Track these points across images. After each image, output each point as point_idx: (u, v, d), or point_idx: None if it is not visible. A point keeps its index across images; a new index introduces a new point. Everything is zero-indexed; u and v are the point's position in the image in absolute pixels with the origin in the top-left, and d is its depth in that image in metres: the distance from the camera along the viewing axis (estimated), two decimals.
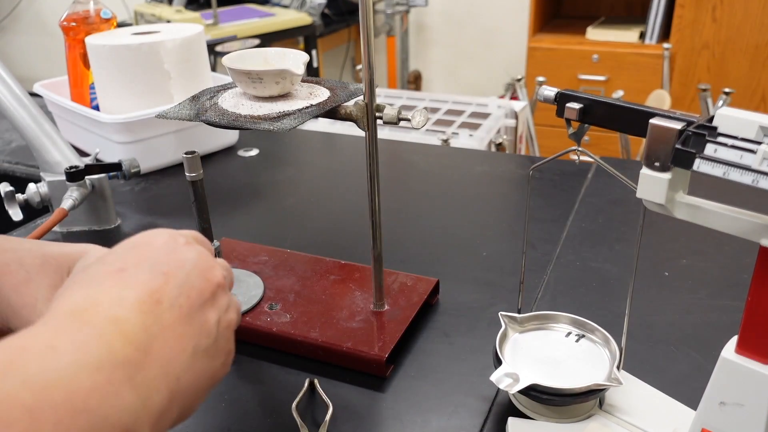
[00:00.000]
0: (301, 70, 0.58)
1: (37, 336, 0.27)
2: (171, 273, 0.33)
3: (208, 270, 0.36)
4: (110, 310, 0.30)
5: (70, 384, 0.25)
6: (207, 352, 0.34)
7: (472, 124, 1.58)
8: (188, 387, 0.32)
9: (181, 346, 0.32)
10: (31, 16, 3.62)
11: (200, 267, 0.35)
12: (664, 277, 0.70)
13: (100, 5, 1.07)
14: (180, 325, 0.32)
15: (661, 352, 0.59)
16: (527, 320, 0.55)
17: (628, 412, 0.50)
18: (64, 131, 1.09)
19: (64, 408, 0.25)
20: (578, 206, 0.86)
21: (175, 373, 0.31)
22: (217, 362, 0.35)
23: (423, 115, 0.55)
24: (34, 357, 0.26)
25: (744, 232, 0.36)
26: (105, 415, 0.26)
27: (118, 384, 0.27)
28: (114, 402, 0.27)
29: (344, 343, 0.58)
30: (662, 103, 1.76)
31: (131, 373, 0.28)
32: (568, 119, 0.45)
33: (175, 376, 0.31)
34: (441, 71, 3.14)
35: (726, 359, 0.39)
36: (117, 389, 0.27)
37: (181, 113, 0.59)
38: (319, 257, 0.71)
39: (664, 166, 0.37)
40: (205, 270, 0.35)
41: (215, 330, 0.35)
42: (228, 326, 0.37)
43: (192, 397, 0.33)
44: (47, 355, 0.26)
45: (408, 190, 0.96)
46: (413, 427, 0.52)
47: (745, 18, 2.15)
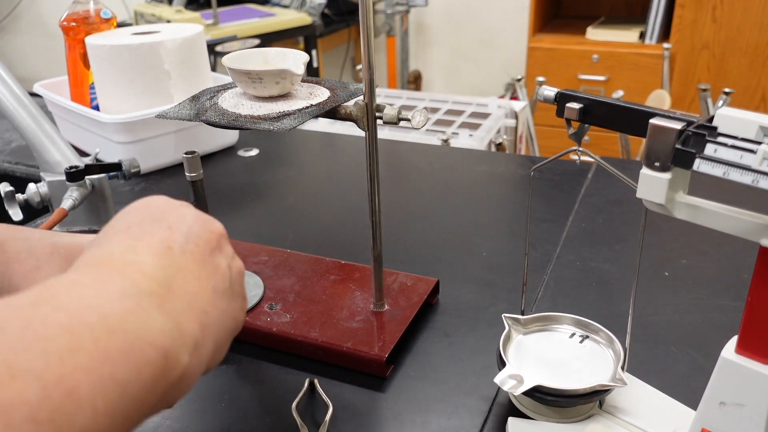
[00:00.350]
0: (301, 70, 0.58)
1: (61, 278, 0.27)
2: (175, 226, 0.34)
3: (209, 222, 0.36)
4: (125, 256, 0.30)
5: (101, 308, 0.26)
6: (225, 293, 0.34)
7: (472, 124, 1.58)
8: (216, 322, 0.32)
9: (201, 285, 0.32)
10: (31, 16, 3.62)
11: (201, 219, 0.36)
12: (664, 277, 0.70)
13: (100, 5, 1.07)
14: (195, 267, 0.32)
15: (661, 352, 0.59)
16: (531, 321, 0.55)
17: (628, 412, 0.50)
18: (64, 131, 1.09)
19: (99, 327, 0.25)
20: (578, 206, 0.86)
21: (201, 306, 0.31)
22: (236, 304, 0.35)
23: (423, 115, 0.55)
24: (63, 290, 0.26)
25: (744, 232, 0.36)
26: (140, 334, 0.26)
27: (148, 309, 0.27)
28: (147, 323, 0.27)
29: (344, 343, 0.58)
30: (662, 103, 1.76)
31: (158, 302, 0.28)
32: (568, 119, 0.45)
33: (201, 309, 0.31)
34: (441, 71, 3.14)
35: (726, 359, 0.39)
36: (148, 313, 0.27)
37: (181, 113, 0.59)
38: (319, 257, 0.71)
39: (664, 166, 0.37)
40: (206, 222, 0.36)
41: (228, 274, 0.35)
42: (238, 272, 0.37)
43: (222, 333, 0.33)
44: (74, 288, 0.26)
45: (408, 190, 0.96)
46: (413, 427, 0.52)
47: (745, 18, 2.15)
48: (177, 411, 0.55)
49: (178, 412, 0.55)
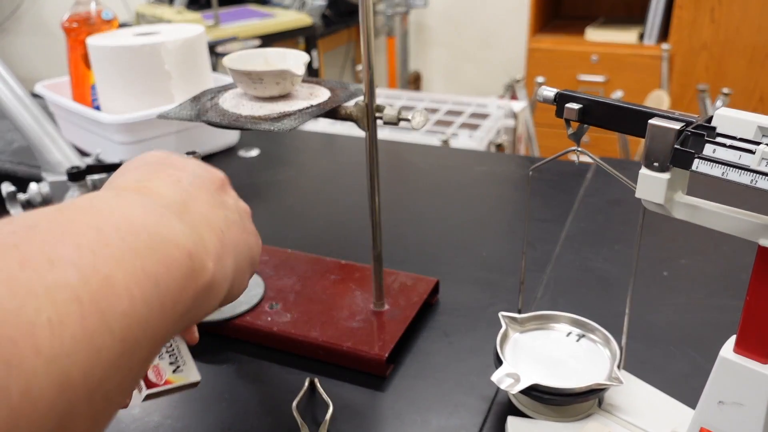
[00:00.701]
0: (301, 71, 0.58)
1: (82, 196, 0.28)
2: (181, 167, 0.35)
3: (211, 168, 0.38)
4: (142, 184, 0.31)
5: (125, 213, 0.27)
6: (237, 224, 0.35)
7: (472, 124, 1.59)
8: (235, 243, 0.33)
9: (214, 210, 0.33)
10: (32, 17, 3.62)
11: (204, 166, 0.37)
12: (664, 277, 0.71)
13: (102, 6, 1.07)
14: (206, 196, 0.34)
15: (660, 351, 0.59)
16: (528, 320, 0.56)
17: (627, 412, 0.50)
18: (66, 132, 1.09)
19: (125, 227, 0.26)
20: (578, 206, 0.87)
21: (218, 225, 0.32)
22: (250, 237, 0.36)
23: (423, 115, 0.55)
24: (86, 201, 0.27)
25: (743, 232, 0.36)
26: (165, 235, 0.27)
27: (169, 217, 0.29)
28: (170, 227, 0.28)
29: (344, 343, 0.58)
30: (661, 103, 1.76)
31: (178, 214, 0.30)
32: (568, 119, 0.45)
33: (219, 228, 0.32)
34: (441, 71, 3.14)
35: (724, 359, 0.39)
36: (169, 220, 0.28)
37: (182, 114, 0.60)
38: (319, 257, 0.72)
39: (663, 166, 0.37)
40: (209, 168, 0.37)
41: (236, 209, 0.36)
42: (246, 210, 0.39)
43: (241, 258, 0.34)
44: (96, 200, 0.27)
45: (408, 190, 0.96)
46: (413, 427, 0.52)
47: (743, 19, 2.15)
48: (177, 411, 0.55)
49: (179, 412, 0.55)
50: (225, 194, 0.37)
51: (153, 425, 0.54)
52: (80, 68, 1.08)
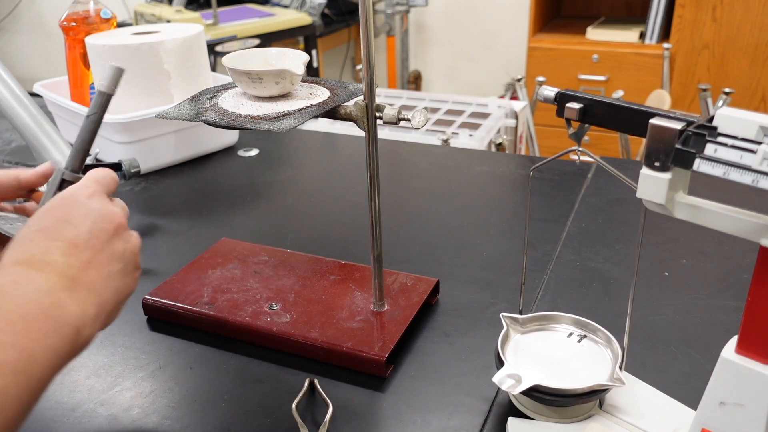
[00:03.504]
0: (301, 70, 0.58)
1: (6, 277, 0.39)
2: (80, 224, 0.44)
3: (109, 215, 0.46)
4: (44, 257, 0.41)
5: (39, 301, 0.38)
6: (120, 272, 0.45)
7: (472, 124, 1.58)
8: (109, 299, 0.44)
9: (99, 273, 0.43)
10: (31, 16, 3.62)
11: (102, 214, 0.46)
12: (664, 277, 0.70)
13: (100, 5, 1.07)
14: (95, 258, 0.44)
15: (661, 352, 0.59)
16: (529, 321, 0.55)
17: (628, 412, 0.50)
18: (64, 131, 1.09)
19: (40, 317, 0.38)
20: (578, 206, 0.86)
21: (97, 291, 0.43)
22: (129, 279, 0.47)
23: (423, 115, 0.55)
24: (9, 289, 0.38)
25: (744, 232, 0.36)
26: (63, 320, 0.39)
27: (65, 300, 0.40)
28: (67, 311, 0.40)
29: (344, 343, 0.58)
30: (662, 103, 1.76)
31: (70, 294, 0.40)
32: (568, 119, 0.45)
33: (98, 294, 0.43)
34: (441, 71, 3.14)
35: (726, 359, 0.39)
36: (66, 304, 0.40)
37: (181, 113, 0.59)
38: (319, 257, 0.71)
39: (664, 166, 0.37)
40: (106, 216, 0.46)
41: (123, 256, 0.46)
42: (132, 252, 0.48)
43: (113, 306, 0.45)
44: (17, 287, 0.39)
45: (408, 190, 0.96)
46: (413, 427, 0.52)
47: (745, 18, 2.15)
48: (177, 411, 0.55)
49: (179, 412, 0.55)
50: (118, 239, 0.46)
51: (152, 425, 0.54)
52: (79, 67, 1.08)
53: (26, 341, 0.36)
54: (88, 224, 0.44)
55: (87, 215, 0.45)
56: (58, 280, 0.40)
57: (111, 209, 0.47)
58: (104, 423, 0.54)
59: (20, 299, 0.38)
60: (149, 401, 0.56)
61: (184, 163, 1.06)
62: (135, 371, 0.60)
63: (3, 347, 0.35)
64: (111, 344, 0.63)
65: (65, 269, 0.41)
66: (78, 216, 0.45)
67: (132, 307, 0.67)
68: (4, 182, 0.54)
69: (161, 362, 0.61)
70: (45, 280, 0.40)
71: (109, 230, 0.45)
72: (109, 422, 0.54)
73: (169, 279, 0.69)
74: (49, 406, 0.56)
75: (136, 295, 0.65)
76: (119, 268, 0.45)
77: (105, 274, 0.44)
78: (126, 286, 0.46)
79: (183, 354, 0.62)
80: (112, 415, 0.55)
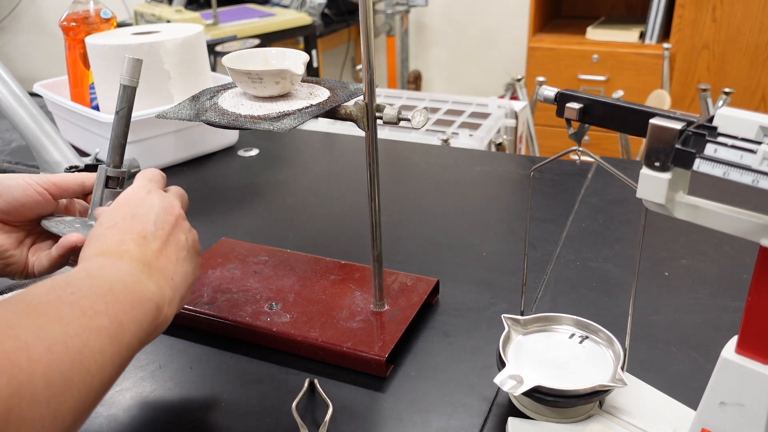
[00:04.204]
0: (301, 70, 0.58)
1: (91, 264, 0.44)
2: (146, 217, 0.49)
3: (169, 207, 0.51)
4: (119, 248, 0.46)
5: (123, 280, 0.43)
6: (186, 259, 0.49)
7: (472, 124, 1.58)
8: (180, 283, 0.48)
9: (168, 259, 0.48)
10: (31, 16, 3.62)
11: (164, 207, 0.50)
12: (664, 277, 0.70)
13: (100, 5, 1.07)
14: (164, 247, 0.48)
15: (661, 352, 0.59)
16: (530, 322, 0.55)
17: (628, 413, 0.50)
18: (64, 131, 1.09)
19: (125, 292, 0.42)
20: (578, 206, 0.86)
21: (170, 275, 0.47)
22: (194, 264, 0.51)
23: (423, 115, 0.55)
24: (96, 272, 0.43)
25: (744, 232, 0.36)
26: (145, 295, 0.43)
27: (145, 281, 0.44)
28: (148, 289, 0.44)
29: (344, 343, 0.58)
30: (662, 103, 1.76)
31: (147, 276, 0.45)
32: (569, 119, 0.45)
33: (170, 277, 0.47)
34: (441, 71, 3.13)
35: (726, 359, 0.39)
36: (146, 283, 0.44)
37: (181, 113, 0.59)
38: (319, 257, 0.71)
39: (664, 166, 0.37)
40: (167, 208, 0.50)
41: (186, 244, 0.50)
42: (194, 240, 0.52)
43: (185, 289, 0.49)
44: (102, 270, 0.43)
45: (408, 190, 0.96)
46: (413, 427, 0.52)
47: (745, 18, 2.15)
48: (177, 411, 0.55)
49: (179, 413, 0.55)
50: (180, 230, 0.50)
51: (152, 426, 0.53)
52: (79, 67, 1.08)
53: (116, 311, 0.40)
54: (152, 217, 0.49)
55: (150, 210, 0.49)
56: (136, 265, 0.45)
57: (170, 202, 0.51)
58: (104, 423, 0.54)
59: (107, 278, 0.42)
60: (149, 401, 0.56)
61: (184, 163, 1.06)
62: (135, 371, 0.60)
63: (98, 315, 0.39)
64: None
65: (140, 256, 0.45)
66: (143, 211, 0.49)
67: None
68: (71, 187, 0.59)
69: (161, 362, 0.61)
70: (125, 264, 0.44)
71: (171, 221, 0.50)
72: (109, 422, 0.54)
73: None
74: None
75: None
76: (184, 255, 0.49)
77: (174, 261, 0.48)
78: (193, 271, 0.50)
79: (183, 354, 0.62)
80: (112, 415, 0.55)
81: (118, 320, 0.40)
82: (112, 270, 0.43)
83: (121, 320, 0.40)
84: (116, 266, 0.44)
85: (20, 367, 0.33)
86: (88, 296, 0.40)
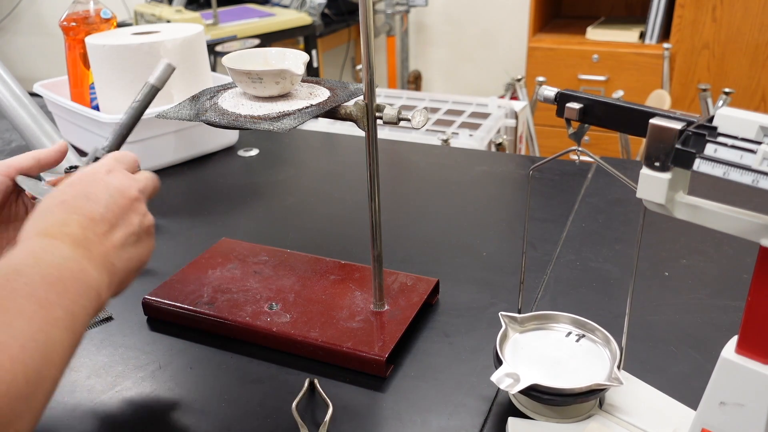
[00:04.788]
0: (301, 70, 0.58)
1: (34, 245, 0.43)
2: (98, 198, 0.47)
3: (125, 189, 0.49)
4: (61, 229, 0.44)
5: (69, 267, 0.42)
6: (134, 244, 0.48)
7: (472, 124, 1.58)
8: (122, 268, 0.47)
9: (113, 244, 0.46)
10: (31, 16, 3.62)
11: (119, 188, 0.49)
12: (664, 277, 0.70)
13: (100, 5, 1.07)
14: (110, 231, 0.47)
15: (661, 352, 0.59)
16: (527, 320, 0.55)
17: (628, 412, 0.50)
18: (64, 131, 1.09)
19: (72, 280, 0.41)
20: (578, 206, 0.86)
21: (111, 261, 0.46)
22: (142, 250, 0.49)
23: (423, 115, 0.55)
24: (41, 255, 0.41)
25: (744, 232, 0.36)
26: (89, 283, 0.43)
27: (88, 268, 0.43)
28: (89, 276, 0.43)
29: (344, 343, 0.58)
30: (662, 103, 1.76)
31: (88, 262, 0.44)
32: (568, 119, 0.45)
33: (111, 263, 0.46)
34: (441, 71, 3.13)
35: (726, 359, 0.39)
36: (88, 270, 0.43)
37: (181, 113, 0.59)
38: (319, 257, 0.71)
39: (664, 166, 0.37)
40: (123, 190, 0.49)
41: (138, 229, 0.49)
42: (149, 226, 0.50)
43: (123, 274, 0.47)
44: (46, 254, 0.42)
45: (408, 190, 0.96)
46: (413, 427, 0.52)
47: (745, 18, 2.15)
48: (177, 411, 0.55)
49: (179, 413, 0.55)
50: (133, 213, 0.49)
51: (152, 426, 0.53)
52: (79, 67, 1.08)
53: (67, 302, 0.40)
54: (104, 199, 0.47)
55: (104, 190, 0.48)
56: (78, 250, 0.44)
57: (128, 184, 0.50)
58: (104, 423, 0.54)
59: (54, 265, 0.41)
60: (149, 401, 0.56)
61: (184, 163, 1.06)
62: (135, 371, 0.60)
63: (53, 306, 0.39)
64: (111, 344, 0.63)
65: (82, 240, 0.44)
66: (96, 191, 0.47)
67: (132, 307, 0.67)
68: (24, 164, 0.57)
69: (161, 362, 0.61)
70: (67, 249, 0.43)
71: (124, 204, 0.48)
72: (110, 422, 0.54)
73: (169, 279, 0.69)
74: (49, 406, 0.55)
75: (136, 295, 0.65)
76: (133, 240, 0.48)
77: (119, 246, 0.47)
78: (139, 256, 0.49)
79: (183, 354, 0.62)
80: (112, 415, 0.55)
81: (70, 310, 0.40)
82: (56, 254, 0.42)
83: (72, 310, 0.40)
84: (59, 250, 0.43)
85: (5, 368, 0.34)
86: (41, 286, 0.39)
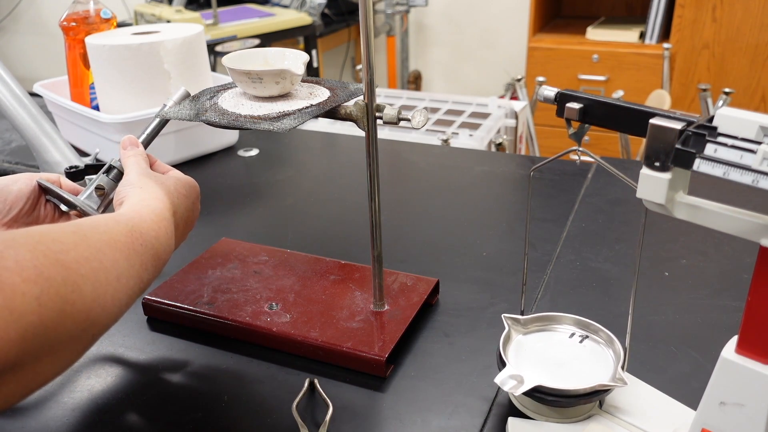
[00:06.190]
0: (301, 70, 0.58)
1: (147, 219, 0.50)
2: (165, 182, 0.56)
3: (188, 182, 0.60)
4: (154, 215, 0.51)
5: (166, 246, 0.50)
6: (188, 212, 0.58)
7: (472, 124, 1.58)
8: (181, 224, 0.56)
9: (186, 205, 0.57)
10: (31, 16, 3.62)
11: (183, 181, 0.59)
12: (664, 277, 0.70)
13: (100, 5, 1.07)
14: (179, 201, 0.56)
15: (661, 352, 0.59)
16: (530, 322, 0.55)
17: (628, 412, 0.50)
18: (64, 131, 1.09)
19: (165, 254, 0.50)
20: (578, 206, 0.86)
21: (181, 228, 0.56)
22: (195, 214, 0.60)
23: (423, 115, 0.55)
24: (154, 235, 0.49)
25: (744, 232, 0.36)
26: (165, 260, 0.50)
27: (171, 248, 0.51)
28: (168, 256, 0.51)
29: (344, 343, 0.58)
30: (662, 103, 1.76)
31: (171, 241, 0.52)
32: (569, 119, 0.45)
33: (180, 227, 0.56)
34: (441, 71, 3.13)
35: (726, 359, 0.39)
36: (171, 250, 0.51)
37: (181, 113, 0.59)
38: (319, 257, 0.71)
39: (664, 166, 0.37)
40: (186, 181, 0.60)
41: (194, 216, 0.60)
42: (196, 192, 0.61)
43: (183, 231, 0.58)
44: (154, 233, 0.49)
45: (408, 190, 0.96)
46: (413, 427, 0.52)
47: (745, 18, 2.15)
48: (177, 411, 0.55)
49: (179, 413, 0.55)
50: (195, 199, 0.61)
51: (152, 426, 0.53)
52: (79, 67, 1.08)
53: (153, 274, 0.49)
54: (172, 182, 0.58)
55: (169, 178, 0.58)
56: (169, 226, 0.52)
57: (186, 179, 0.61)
58: (104, 423, 0.54)
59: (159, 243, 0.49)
60: (149, 401, 0.56)
61: (184, 163, 1.06)
62: (135, 371, 0.60)
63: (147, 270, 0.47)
64: (111, 344, 0.63)
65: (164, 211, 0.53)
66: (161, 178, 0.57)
67: (132, 307, 0.67)
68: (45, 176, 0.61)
69: (161, 362, 0.61)
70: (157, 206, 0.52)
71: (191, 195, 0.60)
72: (109, 422, 0.54)
73: (169, 279, 0.69)
74: (49, 406, 0.56)
75: None
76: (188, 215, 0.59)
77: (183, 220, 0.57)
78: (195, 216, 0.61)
79: (183, 354, 0.62)
80: (111, 414, 0.55)
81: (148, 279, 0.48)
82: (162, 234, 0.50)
83: (149, 279, 0.48)
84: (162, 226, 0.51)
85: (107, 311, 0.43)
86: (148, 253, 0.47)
